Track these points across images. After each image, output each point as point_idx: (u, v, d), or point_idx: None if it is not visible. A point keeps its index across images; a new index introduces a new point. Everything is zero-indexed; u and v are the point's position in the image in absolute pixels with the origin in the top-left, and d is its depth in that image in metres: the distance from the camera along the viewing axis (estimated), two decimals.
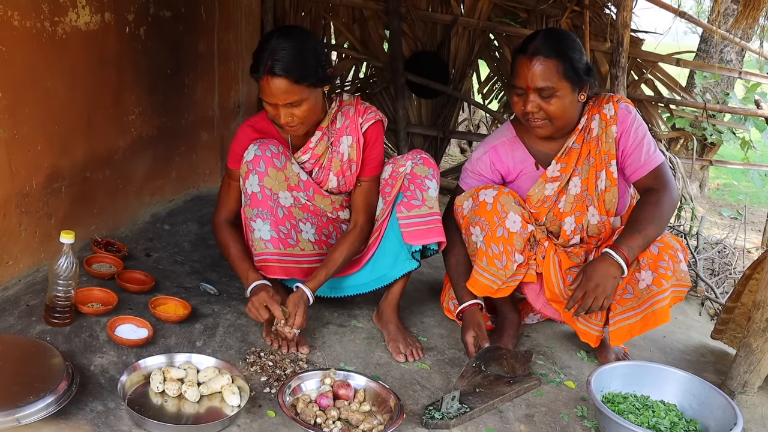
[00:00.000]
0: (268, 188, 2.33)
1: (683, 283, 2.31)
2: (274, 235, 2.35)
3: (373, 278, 2.52)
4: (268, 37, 2.22)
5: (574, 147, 2.38)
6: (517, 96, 2.24)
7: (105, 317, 2.25)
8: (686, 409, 2.21)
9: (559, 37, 2.25)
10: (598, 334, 2.43)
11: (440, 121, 4.96)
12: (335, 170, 2.45)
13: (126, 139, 2.94)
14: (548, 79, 2.16)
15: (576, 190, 2.41)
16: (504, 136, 2.45)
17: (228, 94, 3.90)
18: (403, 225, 2.40)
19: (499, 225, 2.33)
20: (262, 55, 2.17)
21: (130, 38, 2.89)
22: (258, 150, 2.32)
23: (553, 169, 2.40)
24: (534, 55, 2.16)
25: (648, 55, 4.51)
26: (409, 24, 4.74)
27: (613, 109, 2.34)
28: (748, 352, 2.39)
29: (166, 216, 3.23)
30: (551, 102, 2.20)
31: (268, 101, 2.21)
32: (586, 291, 2.21)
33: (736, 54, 7.05)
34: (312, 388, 2.11)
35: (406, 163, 2.43)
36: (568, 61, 2.18)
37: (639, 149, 2.32)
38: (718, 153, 6.67)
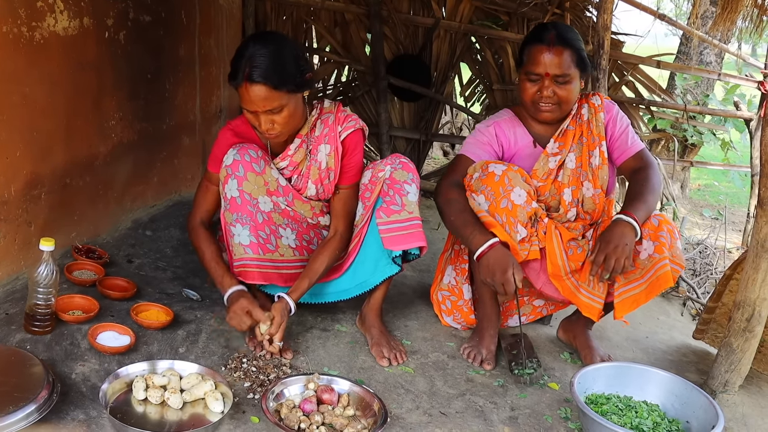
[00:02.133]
0: (248, 193, 2.32)
1: (679, 261, 2.37)
2: (254, 240, 2.34)
3: (355, 284, 2.51)
4: (246, 44, 2.21)
5: (569, 129, 2.53)
6: (531, 82, 2.41)
7: (86, 324, 2.22)
8: (669, 409, 2.23)
9: (567, 28, 2.48)
10: (600, 306, 2.45)
11: (423, 124, 4.97)
12: (313, 178, 2.44)
13: (107, 145, 2.92)
14: (565, 67, 2.37)
15: (572, 165, 2.53)
16: (503, 116, 2.59)
17: (209, 99, 3.89)
18: (383, 230, 2.39)
19: (504, 197, 2.35)
20: (239, 63, 2.16)
21: (109, 43, 2.86)
22: (237, 154, 2.31)
23: (552, 146, 2.53)
24: (553, 44, 2.35)
25: (628, 57, 4.55)
26: (391, 27, 4.75)
27: (600, 100, 2.57)
28: (729, 352, 2.41)
29: (148, 222, 3.21)
30: (564, 87, 2.40)
31: (248, 108, 2.20)
32: (607, 254, 2.25)
33: (715, 56, 7.13)
34: (296, 393, 2.10)
35: (385, 168, 2.43)
36: (578, 51, 2.39)
37: (625, 135, 2.53)
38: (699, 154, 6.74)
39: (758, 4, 3.88)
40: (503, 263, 2.28)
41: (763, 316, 2.36)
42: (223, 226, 2.41)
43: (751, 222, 4.84)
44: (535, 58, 2.38)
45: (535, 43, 2.39)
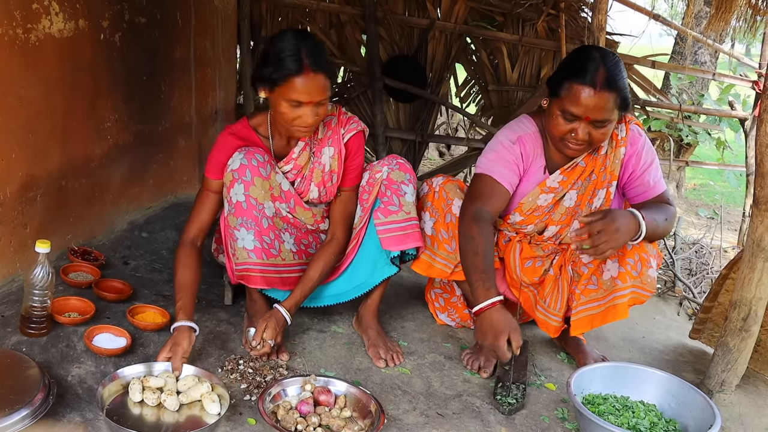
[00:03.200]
0: (254, 198, 2.29)
1: (647, 287, 2.33)
2: (258, 245, 2.31)
3: (353, 286, 2.51)
4: (288, 36, 2.17)
5: (580, 164, 2.35)
6: (566, 120, 2.18)
7: (82, 327, 2.22)
8: (666, 409, 2.23)
9: (617, 65, 2.17)
10: (557, 324, 2.43)
11: (418, 125, 4.98)
12: (316, 181, 2.42)
13: (102, 147, 2.91)
14: (608, 113, 2.15)
15: (570, 203, 2.40)
16: (529, 129, 2.37)
17: (205, 101, 3.88)
18: (381, 231, 2.39)
19: (447, 211, 2.41)
20: (295, 52, 2.13)
21: (105, 45, 2.86)
22: (244, 159, 2.27)
23: (554, 178, 2.36)
24: (601, 88, 2.10)
25: (623, 58, 4.55)
26: (386, 28, 4.75)
27: (625, 131, 2.34)
28: (726, 351, 2.42)
29: (144, 223, 3.20)
30: (602, 131, 2.19)
31: (300, 99, 2.15)
32: (604, 229, 2.05)
33: (710, 56, 7.16)
34: (292, 395, 2.10)
35: (383, 169, 2.43)
36: (622, 93, 2.16)
37: (648, 173, 2.33)
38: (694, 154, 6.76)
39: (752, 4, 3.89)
40: (498, 328, 2.15)
41: (759, 316, 2.36)
42: (224, 230, 2.39)
43: (746, 221, 4.85)
44: (576, 98, 2.12)
45: (579, 81, 2.12)
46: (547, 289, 2.46)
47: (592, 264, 2.37)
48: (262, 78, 2.19)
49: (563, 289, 2.42)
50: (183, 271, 2.26)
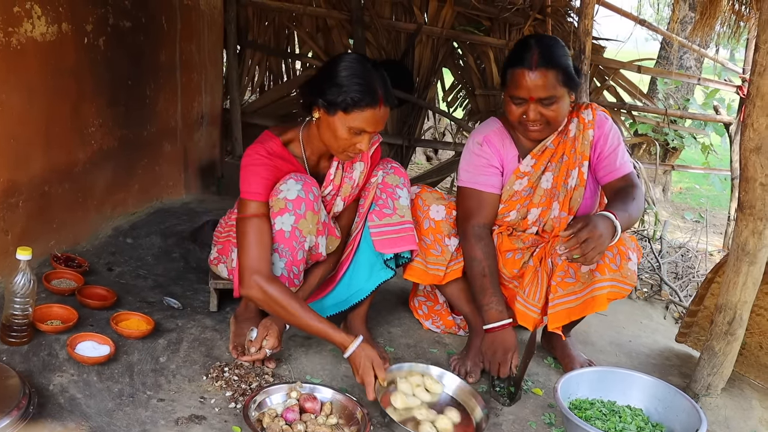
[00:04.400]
0: (300, 230, 2.20)
1: (627, 281, 2.32)
2: (285, 274, 2.24)
3: (351, 293, 2.49)
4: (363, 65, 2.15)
5: (549, 147, 2.43)
6: (516, 105, 2.29)
7: (65, 335, 2.19)
8: (652, 413, 2.23)
9: (552, 45, 2.28)
10: (535, 316, 2.43)
11: (405, 130, 4.97)
12: (344, 195, 2.39)
13: (86, 152, 2.88)
14: (550, 89, 2.23)
15: (547, 185, 2.46)
16: (492, 127, 2.47)
17: (191, 105, 3.86)
18: (375, 234, 2.38)
19: (425, 218, 2.44)
20: (373, 85, 2.11)
21: (89, 49, 2.84)
22: (302, 191, 2.17)
23: (526, 163, 2.44)
24: (536, 67, 2.21)
25: (609, 62, 4.59)
26: (373, 33, 4.75)
27: (591, 115, 2.42)
28: (711, 355, 2.42)
29: (129, 229, 3.18)
30: (552, 108, 2.28)
31: (367, 129, 2.16)
32: (591, 237, 2.03)
33: (695, 60, 7.20)
34: (278, 402, 2.08)
35: (378, 174, 2.41)
36: (564, 69, 2.24)
37: (614, 154, 2.39)
38: (680, 158, 6.80)
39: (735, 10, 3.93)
40: (508, 347, 2.35)
41: (744, 319, 2.37)
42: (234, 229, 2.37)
43: (731, 225, 4.88)
44: (517, 82, 2.25)
45: (516, 66, 2.25)
46: (527, 280, 2.47)
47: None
48: (327, 101, 2.12)
49: (542, 280, 2.43)
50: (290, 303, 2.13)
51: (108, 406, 1.96)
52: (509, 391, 2.31)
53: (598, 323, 3.08)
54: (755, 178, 2.25)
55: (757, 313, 2.60)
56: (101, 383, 2.05)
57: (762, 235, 2.28)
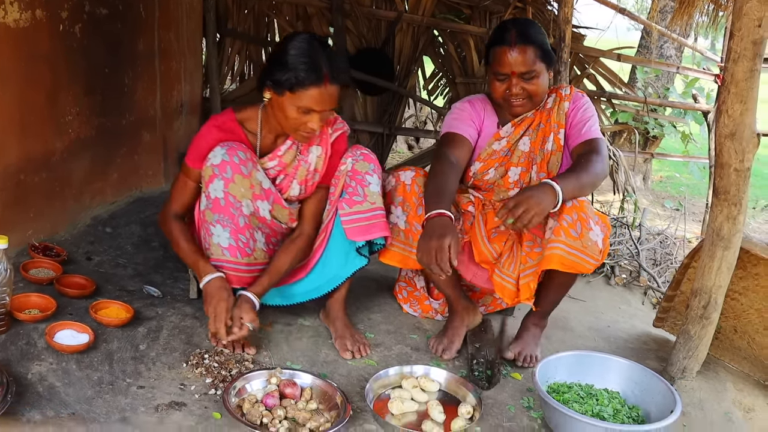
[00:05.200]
0: (233, 195, 2.25)
1: (588, 251, 2.27)
2: (233, 243, 2.28)
3: (325, 280, 2.49)
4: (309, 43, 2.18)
5: (528, 116, 2.57)
6: (499, 81, 2.45)
7: (43, 323, 2.17)
8: (629, 396, 2.26)
9: (528, 25, 2.48)
10: (512, 288, 2.45)
11: (386, 118, 4.97)
12: (300, 179, 2.40)
13: (63, 141, 2.86)
14: (529, 64, 2.40)
15: (525, 148, 2.58)
16: (476, 97, 2.65)
17: (170, 94, 3.83)
18: (346, 222, 2.37)
19: (419, 204, 2.42)
20: (316, 62, 2.13)
21: (64, 36, 2.81)
22: (226, 154, 2.23)
23: (505, 129, 2.58)
24: (515, 44, 2.38)
25: (590, 51, 4.61)
26: (354, 21, 4.74)
27: (569, 90, 2.59)
28: (687, 339, 2.46)
29: (108, 218, 3.16)
30: (533, 82, 2.43)
31: (315, 108, 2.17)
32: (518, 202, 2.14)
33: (675, 50, 7.25)
34: (258, 388, 2.09)
35: (347, 161, 2.41)
36: (541, 46, 2.42)
37: (582, 122, 2.51)
38: (660, 146, 6.85)
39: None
40: (441, 231, 2.14)
41: (719, 303, 2.40)
42: (198, 222, 2.36)
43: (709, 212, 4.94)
44: (500, 59, 2.41)
45: (498, 45, 2.42)
46: (504, 250, 2.52)
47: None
48: (274, 81, 2.16)
49: (517, 251, 2.48)
50: (181, 236, 2.32)
51: (87, 394, 1.96)
52: (486, 375, 2.33)
53: (577, 309, 3.11)
54: (730, 163, 2.28)
55: (732, 298, 2.63)
56: (80, 371, 2.04)
57: (736, 221, 2.32)
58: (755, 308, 2.66)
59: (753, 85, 2.21)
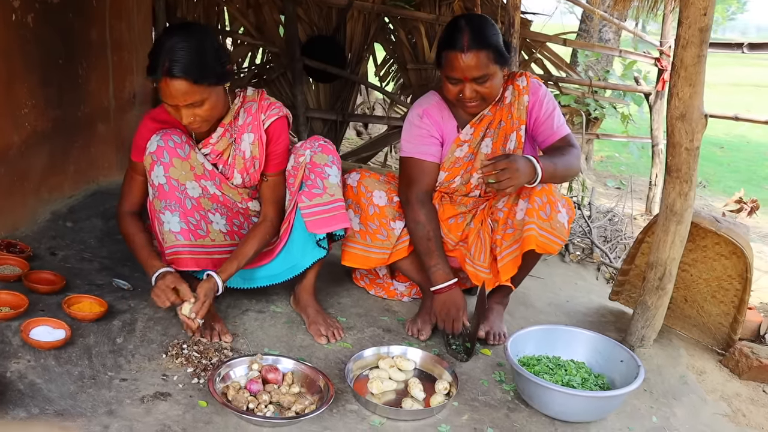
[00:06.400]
0: (175, 179, 2.29)
1: (556, 233, 2.37)
2: (184, 226, 2.31)
3: (286, 268, 2.53)
4: (164, 36, 2.13)
5: (487, 114, 2.54)
6: (452, 84, 2.39)
7: (15, 321, 2.14)
8: (593, 365, 2.39)
9: (481, 26, 2.36)
10: (487, 275, 2.54)
11: (339, 105, 5.00)
12: (239, 167, 2.42)
13: (20, 134, 2.79)
14: (483, 69, 2.34)
15: (487, 150, 2.57)
16: (432, 101, 2.57)
17: (123, 85, 3.76)
18: (306, 214, 2.40)
19: (368, 204, 2.53)
20: (158, 56, 2.08)
21: (17, 26, 2.73)
22: (161, 140, 2.27)
23: (466, 132, 2.55)
24: (467, 50, 2.30)
25: (537, 36, 4.74)
26: (305, 8, 4.73)
27: (526, 81, 2.54)
28: (644, 309, 2.60)
29: (68, 212, 3.10)
30: (486, 85, 2.38)
31: (169, 102, 2.15)
32: (507, 167, 2.21)
33: (613, 33, 7.49)
34: (241, 375, 2.12)
35: (305, 152, 2.43)
36: (495, 48, 2.34)
37: (551, 119, 2.51)
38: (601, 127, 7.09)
39: None
40: (458, 305, 2.47)
41: (673, 275, 2.55)
42: (151, 214, 2.37)
43: (653, 190, 5.17)
44: (452, 64, 2.35)
45: (450, 49, 2.34)
46: (471, 241, 2.59)
47: (506, 207, 2.49)
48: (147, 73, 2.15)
49: (485, 240, 2.55)
50: (135, 233, 2.36)
51: (70, 389, 1.95)
52: (465, 347, 2.43)
53: (537, 286, 3.24)
54: (681, 143, 2.42)
55: (682, 269, 2.79)
56: (60, 367, 2.03)
57: (687, 197, 2.46)
58: (703, 278, 2.84)
59: (700, 69, 2.35)
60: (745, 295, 2.71)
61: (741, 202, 3.79)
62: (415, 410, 2.10)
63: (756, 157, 9.39)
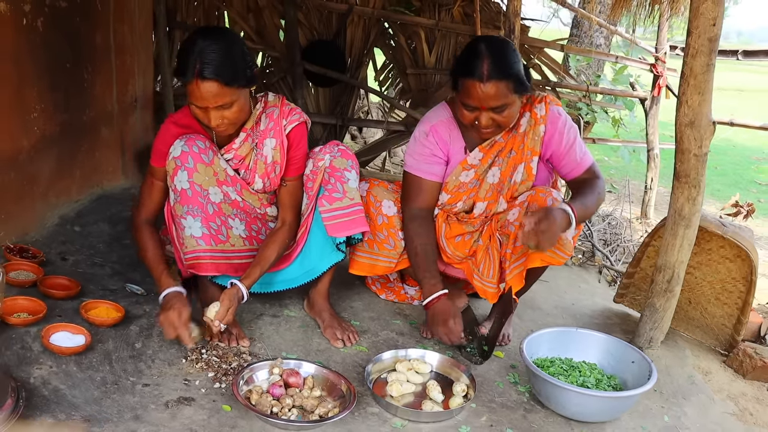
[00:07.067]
0: (198, 184, 2.30)
1: (563, 248, 2.36)
2: (206, 231, 2.32)
3: (302, 272, 2.55)
4: (193, 39, 2.15)
5: (498, 141, 2.47)
6: (468, 111, 2.31)
7: (34, 327, 2.14)
8: (605, 366, 2.43)
9: (503, 53, 2.26)
10: (494, 290, 2.55)
11: (338, 109, 5.02)
12: (260, 172, 2.43)
13: (30, 139, 2.78)
14: (502, 99, 2.25)
15: (494, 180, 2.52)
16: (442, 117, 2.51)
17: (125, 88, 3.75)
18: (326, 218, 2.43)
19: (378, 214, 2.54)
20: (189, 58, 2.10)
21: (28, 30, 2.72)
22: (185, 146, 2.28)
23: (473, 156, 2.50)
24: (487, 79, 2.20)
25: (535, 42, 4.79)
26: (305, 13, 4.75)
27: (544, 110, 2.44)
28: (653, 311, 2.65)
29: (75, 217, 3.09)
30: (503, 114, 2.29)
31: (198, 104, 2.16)
32: (549, 229, 2.13)
33: (604, 38, 7.58)
34: (262, 379, 2.14)
35: (325, 157, 2.46)
36: (516, 77, 2.25)
37: (573, 151, 2.44)
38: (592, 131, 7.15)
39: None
40: (446, 315, 2.40)
41: (681, 277, 2.60)
42: (170, 219, 2.37)
43: (648, 194, 5.24)
44: (469, 92, 2.25)
45: (468, 77, 2.24)
46: (479, 258, 2.59)
47: (516, 221, 2.45)
48: (175, 75, 2.21)
49: (494, 257, 2.55)
50: (150, 245, 2.33)
51: (94, 395, 1.95)
52: (482, 350, 2.45)
53: (542, 290, 3.27)
54: (690, 149, 2.47)
55: (687, 272, 2.82)
56: (82, 373, 2.03)
57: (695, 201, 2.52)
58: (707, 281, 2.89)
59: (709, 77, 2.40)
60: (749, 297, 2.76)
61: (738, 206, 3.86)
62: (436, 412, 2.12)
63: (742, 161, 9.53)
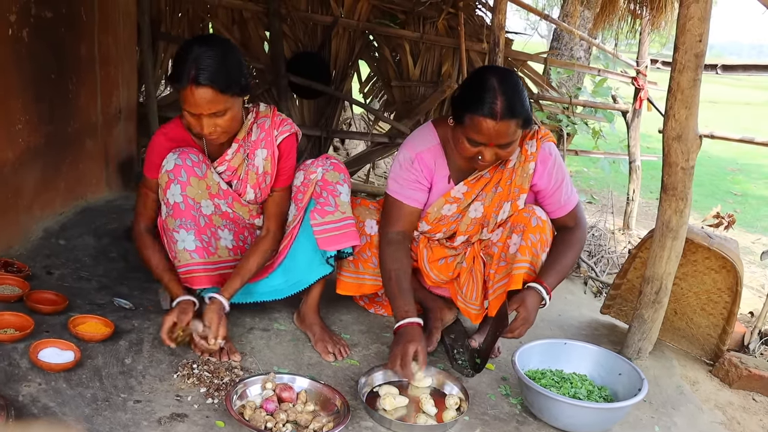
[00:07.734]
0: (191, 198, 2.29)
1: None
2: (199, 244, 2.31)
3: (289, 284, 2.54)
4: (190, 45, 2.15)
5: (485, 176, 2.43)
6: (471, 145, 2.23)
7: (21, 343, 2.10)
8: (596, 378, 2.44)
9: (516, 91, 2.19)
10: (477, 312, 2.58)
11: (323, 121, 5.02)
12: (251, 183, 2.43)
13: (14, 150, 2.75)
14: (511, 136, 2.20)
15: (476, 214, 2.49)
16: (429, 143, 2.43)
17: (110, 100, 3.72)
18: (318, 231, 2.43)
19: (361, 234, 2.52)
20: (184, 65, 2.10)
21: (13, 41, 2.69)
22: (178, 159, 2.27)
23: (458, 189, 2.45)
24: (500, 119, 2.14)
25: (518, 55, 4.84)
26: (290, 25, 4.76)
27: (535, 147, 2.39)
28: (641, 322, 2.67)
29: (59, 230, 3.05)
30: (508, 150, 2.25)
31: (192, 111, 2.15)
32: (525, 327, 2.28)
33: (584, 51, 7.69)
34: (255, 394, 2.12)
35: (317, 170, 2.46)
36: (526, 115, 2.21)
37: (559, 192, 2.42)
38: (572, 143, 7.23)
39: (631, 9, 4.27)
40: (410, 338, 2.25)
41: (668, 289, 2.63)
42: (162, 233, 2.36)
43: (630, 205, 5.30)
44: (479, 129, 2.17)
45: (478, 114, 2.15)
46: (463, 280, 2.60)
47: (500, 242, 2.46)
48: (170, 81, 2.21)
49: (477, 279, 2.56)
50: (153, 254, 2.34)
51: (85, 412, 1.92)
52: (474, 363, 2.45)
53: None
54: (677, 163, 2.50)
55: (673, 283, 2.87)
56: (72, 390, 2.00)
57: (683, 214, 2.55)
58: (693, 291, 2.93)
59: (696, 92, 2.44)
60: (734, 308, 2.80)
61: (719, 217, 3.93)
62: (430, 426, 2.12)
63: (718, 172, 9.69)
